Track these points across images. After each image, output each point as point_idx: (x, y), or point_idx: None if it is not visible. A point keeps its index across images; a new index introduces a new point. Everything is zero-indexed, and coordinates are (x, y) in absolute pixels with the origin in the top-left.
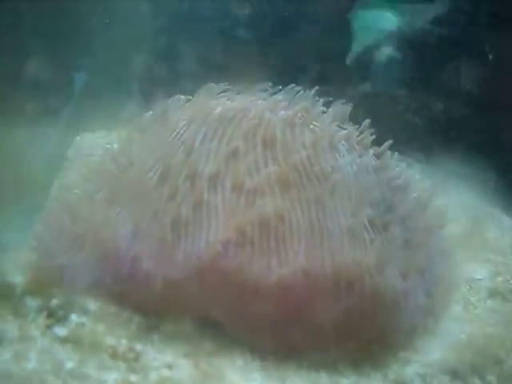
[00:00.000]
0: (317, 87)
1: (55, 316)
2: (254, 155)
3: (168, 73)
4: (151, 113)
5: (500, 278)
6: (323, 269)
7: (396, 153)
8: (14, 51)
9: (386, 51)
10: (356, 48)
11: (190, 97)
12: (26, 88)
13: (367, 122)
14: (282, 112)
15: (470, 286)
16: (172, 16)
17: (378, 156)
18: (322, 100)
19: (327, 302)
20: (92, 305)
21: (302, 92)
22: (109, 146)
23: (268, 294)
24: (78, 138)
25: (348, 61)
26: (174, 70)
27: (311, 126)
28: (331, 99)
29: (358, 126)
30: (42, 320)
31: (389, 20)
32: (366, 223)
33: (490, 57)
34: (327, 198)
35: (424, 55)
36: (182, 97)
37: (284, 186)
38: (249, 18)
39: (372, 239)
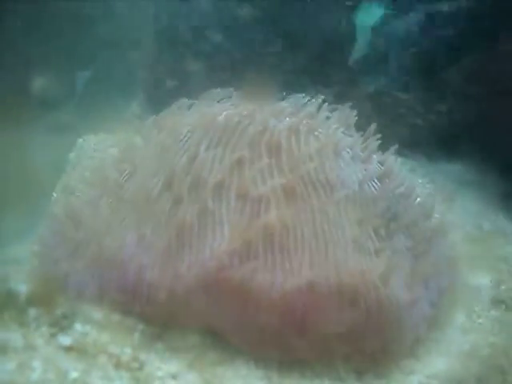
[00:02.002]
0: (322, 96)
1: (59, 325)
2: (259, 164)
3: (171, 75)
4: (154, 118)
5: (503, 287)
6: (328, 280)
7: (399, 158)
8: (14, 55)
9: (389, 53)
10: (359, 49)
11: (194, 100)
12: (27, 91)
13: (373, 127)
14: (287, 119)
15: (474, 295)
16: (175, 18)
17: (382, 162)
18: (326, 105)
19: (332, 313)
20: (96, 314)
21: (306, 98)
22: (111, 150)
23: (272, 306)
24: (81, 140)
25: (350, 62)
26: (177, 72)
27: (316, 133)
28: (337, 106)
29: (360, 131)
30: (46, 329)
31: (392, 21)
32: (371, 233)
33: (496, 58)
34: (332, 208)
35: (428, 57)
36: (187, 101)
37: (289, 196)
38: (250, 20)
39: (377, 249)
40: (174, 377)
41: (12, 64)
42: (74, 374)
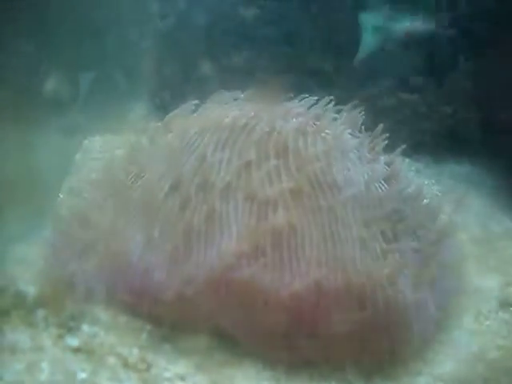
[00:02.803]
0: (331, 96)
1: (67, 326)
2: (266, 165)
3: (177, 77)
4: (162, 120)
5: (511, 288)
6: (335, 280)
7: (407, 159)
8: (18, 56)
9: (395, 53)
10: (364, 50)
11: (200, 102)
12: (33, 92)
13: (380, 128)
14: (294, 120)
15: (481, 297)
16: (181, 18)
17: (388, 164)
18: (332, 106)
19: (339, 314)
20: (103, 315)
21: (312, 99)
22: (118, 151)
23: (280, 306)
24: (86, 141)
25: (356, 63)
26: (182, 74)
27: (323, 134)
28: (344, 107)
29: (368, 132)
30: (53, 330)
31: (397, 21)
32: (378, 234)
33: (500, 61)
34: (339, 209)
35: (433, 58)
36: (193, 103)
37: (296, 197)
38: (256, 21)
39: (384, 250)
40: (181, 378)
41: (18, 65)
42: (82, 375)
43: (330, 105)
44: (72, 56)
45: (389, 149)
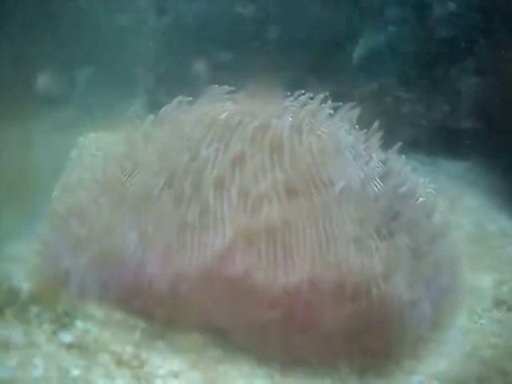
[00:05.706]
0: (327, 93)
1: (61, 322)
2: (260, 161)
3: (173, 73)
4: (156, 116)
5: (505, 287)
6: (329, 278)
7: (403, 156)
8: (15, 52)
9: (392, 52)
10: (362, 49)
11: (196, 99)
12: (28, 89)
13: (376, 125)
14: (289, 117)
15: (475, 296)
16: (177, 15)
17: (384, 161)
18: (329, 103)
19: (333, 311)
20: (97, 311)
21: (308, 96)
22: (113, 148)
23: (274, 303)
24: (82, 138)
25: (354, 61)
26: (178, 70)
27: (318, 132)
28: (340, 104)
29: (364, 129)
30: (47, 326)
31: (395, 20)
32: (373, 231)
33: (497, 60)
34: (334, 206)
35: (430, 57)
36: (187, 99)
37: (290, 193)
38: (253, 19)
39: (378, 248)
40: (175, 375)
41: (13, 61)
42: (76, 372)
43: (326, 102)
44: (68, 53)
45: (385, 147)
